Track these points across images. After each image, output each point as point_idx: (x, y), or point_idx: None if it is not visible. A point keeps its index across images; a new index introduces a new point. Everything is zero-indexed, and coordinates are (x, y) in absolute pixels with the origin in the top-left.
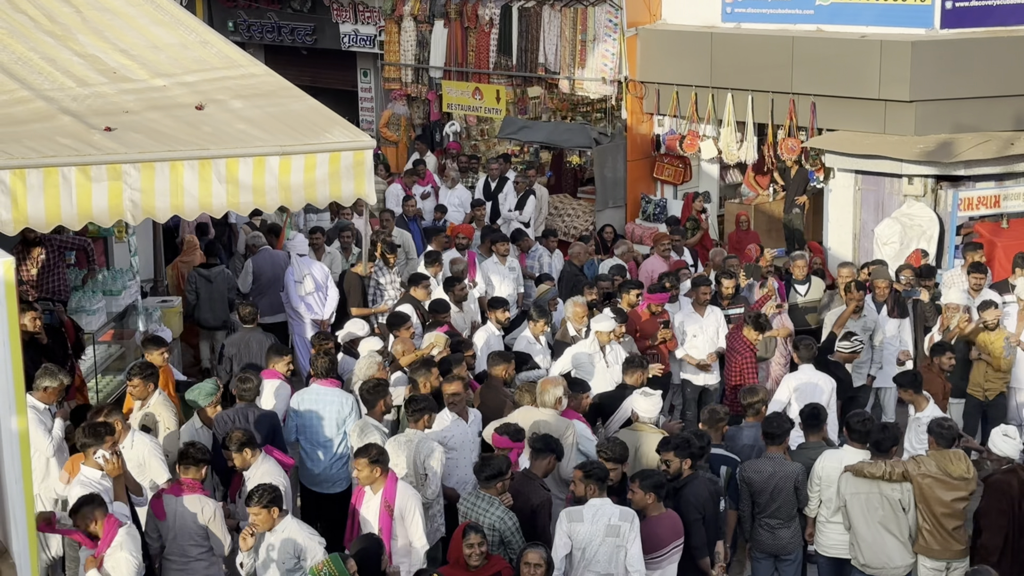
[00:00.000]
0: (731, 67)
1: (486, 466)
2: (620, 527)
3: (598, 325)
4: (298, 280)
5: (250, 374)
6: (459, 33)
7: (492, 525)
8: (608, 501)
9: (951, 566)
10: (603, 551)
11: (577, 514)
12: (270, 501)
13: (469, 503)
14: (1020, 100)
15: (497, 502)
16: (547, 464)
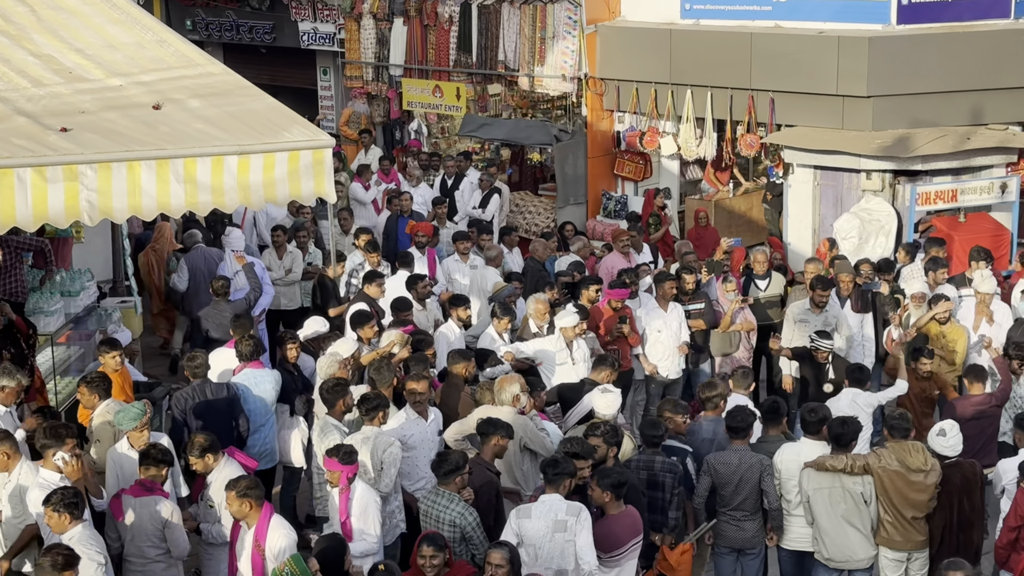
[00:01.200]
0: (690, 63)
1: (444, 461)
2: (567, 522)
3: (562, 321)
4: (229, 277)
5: (196, 352)
6: (419, 31)
7: (452, 521)
8: (558, 497)
9: (912, 556)
10: (553, 547)
11: (526, 511)
12: None
13: (429, 501)
14: (976, 95)
15: (457, 498)
16: (494, 446)
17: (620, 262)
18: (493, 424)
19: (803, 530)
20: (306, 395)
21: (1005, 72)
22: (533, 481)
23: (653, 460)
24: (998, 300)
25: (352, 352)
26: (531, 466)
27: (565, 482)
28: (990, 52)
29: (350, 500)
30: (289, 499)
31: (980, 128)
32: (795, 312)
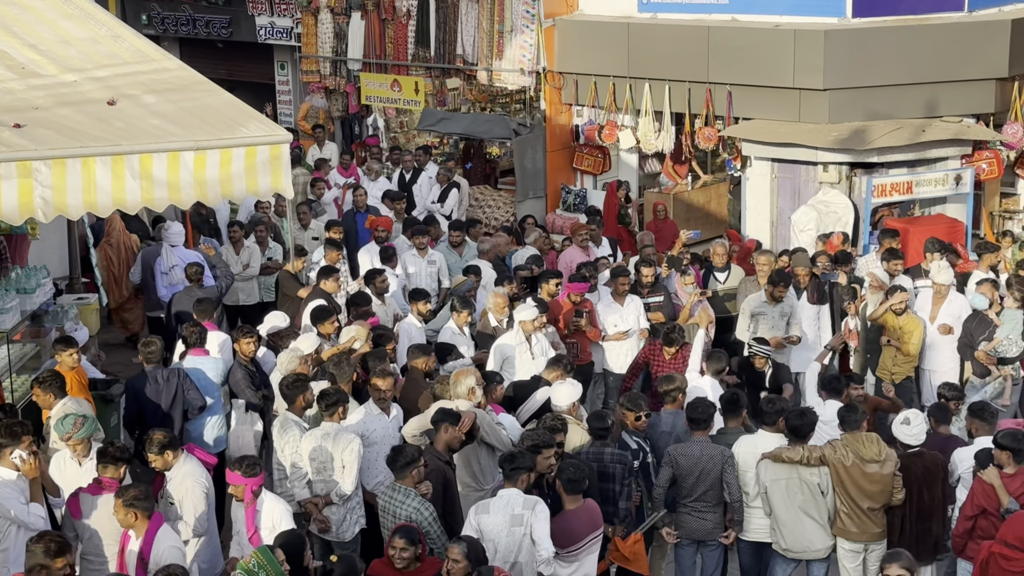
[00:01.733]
0: (648, 57)
1: (399, 455)
2: (523, 515)
3: (521, 315)
4: (164, 271)
5: (152, 338)
6: (376, 25)
7: (409, 516)
8: (515, 492)
9: (869, 548)
10: (511, 541)
11: (484, 507)
12: None
13: (387, 496)
14: (931, 87)
15: (413, 493)
16: (446, 434)
17: (579, 256)
18: (443, 413)
19: (761, 521)
20: (265, 391)
21: (959, 65)
22: (491, 475)
23: (603, 452)
24: (955, 291)
25: (314, 348)
26: (488, 460)
27: (523, 476)
28: (944, 45)
29: (258, 513)
30: None
31: (935, 120)
32: (752, 305)
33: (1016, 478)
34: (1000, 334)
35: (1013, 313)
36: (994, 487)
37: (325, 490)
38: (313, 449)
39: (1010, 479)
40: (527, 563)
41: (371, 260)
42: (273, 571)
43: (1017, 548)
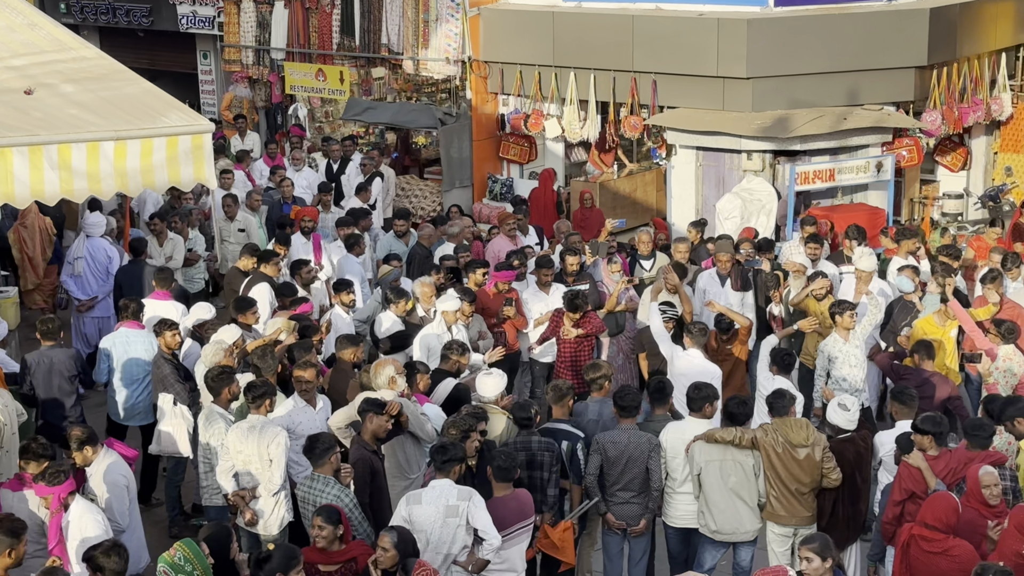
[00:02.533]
0: (573, 46)
1: (315, 444)
2: (459, 507)
3: (443, 305)
4: (70, 260)
5: (50, 315)
6: (300, 14)
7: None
8: (448, 482)
9: (798, 532)
10: (445, 532)
11: (416, 497)
12: None
13: (306, 486)
14: (852, 76)
15: (332, 482)
16: (372, 424)
17: (507, 245)
18: (369, 403)
19: (688, 507)
20: (190, 383)
21: (880, 53)
22: (417, 465)
23: (530, 440)
24: (877, 278)
25: (236, 338)
26: (414, 450)
27: (455, 468)
28: (865, 34)
29: (67, 523)
30: (175, 488)
31: (856, 108)
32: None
33: (940, 460)
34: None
35: (933, 298)
36: (921, 470)
37: (252, 483)
38: (239, 442)
39: (934, 461)
40: (460, 555)
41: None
42: (199, 565)
43: (937, 529)
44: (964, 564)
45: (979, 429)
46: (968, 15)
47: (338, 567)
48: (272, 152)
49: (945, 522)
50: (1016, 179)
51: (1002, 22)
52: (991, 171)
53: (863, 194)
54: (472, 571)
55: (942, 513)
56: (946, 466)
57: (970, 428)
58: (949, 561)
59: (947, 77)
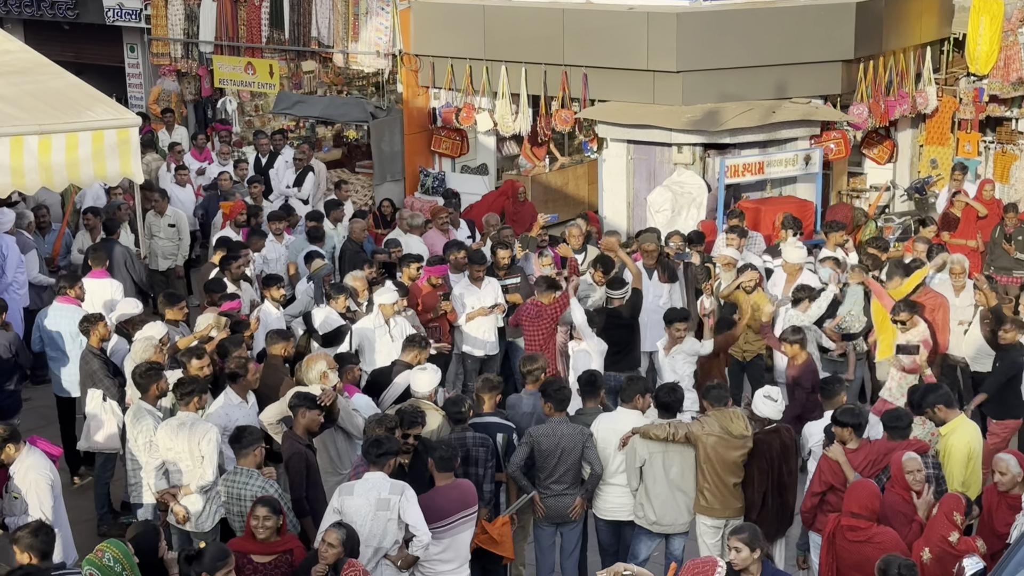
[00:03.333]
0: (504, 39)
1: (240, 437)
2: (390, 500)
3: (381, 298)
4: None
5: None
6: (229, 7)
7: (254, 496)
8: (382, 476)
9: (729, 523)
10: (375, 525)
11: (348, 488)
12: None
13: (230, 480)
14: (780, 69)
15: (256, 474)
16: (304, 418)
17: (439, 239)
18: (300, 397)
19: (619, 500)
20: (119, 379)
21: (807, 47)
22: (348, 459)
23: (464, 436)
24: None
25: (163, 334)
26: (345, 444)
27: (390, 461)
28: (793, 27)
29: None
30: (104, 486)
31: (785, 102)
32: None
33: (859, 452)
34: (843, 310)
35: (855, 289)
36: (839, 464)
37: (182, 480)
38: (169, 439)
39: (853, 454)
40: (391, 549)
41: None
42: (127, 564)
43: (862, 516)
44: (889, 550)
45: (897, 420)
46: (893, 9)
47: (273, 558)
48: (200, 145)
49: (869, 508)
50: (941, 171)
51: (927, 16)
52: (917, 163)
53: (792, 187)
54: (400, 567)
55: (866, 500)
56: (865, 458)
57: (888, 419)
58: (874, 548)
59: (873, 71)
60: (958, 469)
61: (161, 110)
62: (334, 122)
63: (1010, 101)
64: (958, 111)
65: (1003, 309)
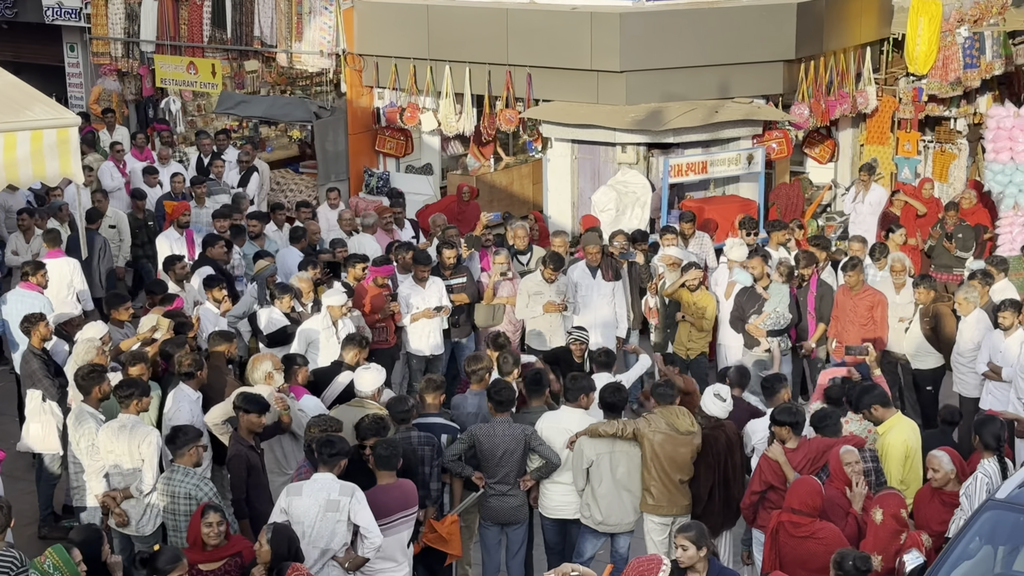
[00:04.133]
0: (448, 39)
1: (176, 436)
2: (340, 502)
3: (330, 300)
4: None
5: None
6: (170, 6)
7: (188, 494)
8: (331, 477)
9: (676, 521)
10: (323, 526)
11: (296, 489)
12: None
13: (164, 477)
14: (723, 69)
15: (192, 472)
16: (246, 421)
17: (383, 239)
18: (243, 399)
19: (564, 498)
20: (60, 379)
21: (749, 47)
22: (295, 460)
23: (409, 435)
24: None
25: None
26: (291, 445)
27: (340, 463)
28: (735, 28)
29: None
30: (49, 487)
31: (727, 101)
32: (529, 286)
33: (799, 451)
34: (768, 307)
35: (780, 287)
36: (779, 463)
37: (123, 484)
38: (110, 441)
39: (793, 452)
40: (339, 551)
41: (170, 246)
42: (68, 571)
43: (804, 513)
44: (831, 546)
45: (825, 419)
46: (834, 10)
47: (222, 563)
48: (140, 145)
49: (811, 505)
50: (882, 171)
51: (866, 17)
52: (858, 163)
53: (735, 186)
54: (348, 568)
55: (807, 497)
56: (804, 456)
57: (816, 420)
58: (816, 543)
59: (814, 71)
60: (896, 467)
61: (102, 110)
62: (277, 122)
63: (948, 101)
64: (898, 111)
65: (942, 307)
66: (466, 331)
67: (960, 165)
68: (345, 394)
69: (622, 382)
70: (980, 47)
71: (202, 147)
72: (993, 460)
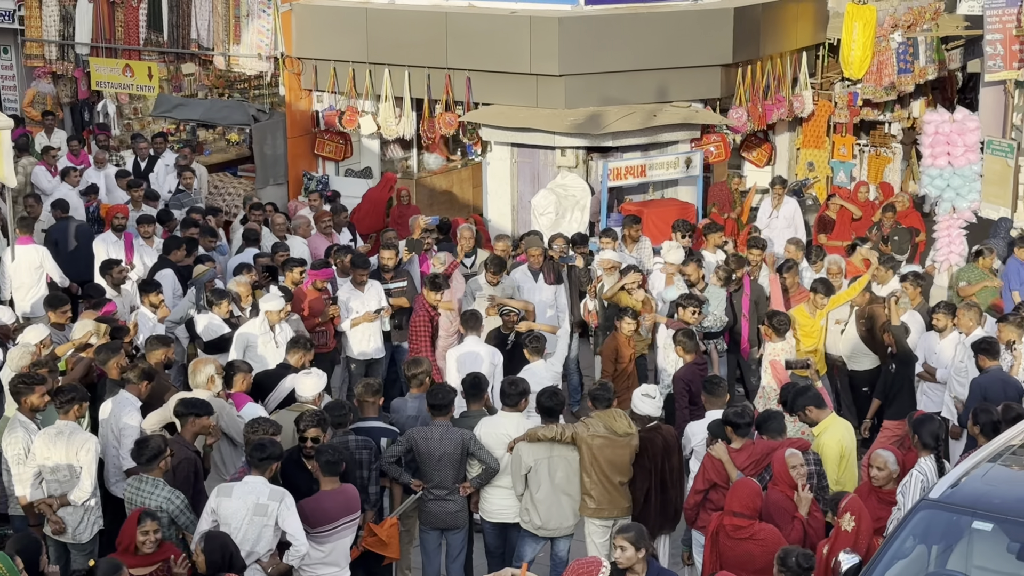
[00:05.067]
0: (387, 43)
1: (144, 448)
2: (268, 506)
3: (267, 304)
4: None
5: None
6: (105, 8)
7: (160, 507)
8: (262, 480)
9: (617, 523)
10: (250, 529)
11: (227, 490)
12: None
13: (133, 488)
14: (661, 73)
15: (162, 484)
16: (191, 425)
17: (323, 243)
18: (187, 404)
19: (504, 502)
20: None
21: (687, 51)
22: (233, 465)
23: (347, 440)
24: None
25: (42, 338)
26: (230, 450)
27: (272, 466)
28: (673, 32)
29: None
30: None
31: (666, 105)
32: (473, 288)
33: (743, 452)
34: (705, 310)
35: (717, 290)
36: (723, 462)
37: (60, 491)
38: (47, 448)
39: (737, 453)
40: (263, 555)
41: (107, 250)
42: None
43: (744, 516)
44: (770, 547)
45: (770, 420)
46: (770, 15)
47: (153, 568)
48: (75, 149)
49: (751, 507)
50: (818, 174)
51: (802, 22)
52: (795, 166)
53: (673, 189)
54: (271, 574)
55: (747, 499)
56: (748, 457)
57: (761, 420)
58: (756, 545)
59: (751, 75)
60: (832, 467)
61: (42, 113)
62: (215, 125)
63: (883, 105)
64: (833, 115)
65: (878, 309)
66: (406, 334)
67: (895, 169)
68: (291, 398)
69: (557, 370)
70: (914, 52)
71: (139, 151)
72: (930, 459)
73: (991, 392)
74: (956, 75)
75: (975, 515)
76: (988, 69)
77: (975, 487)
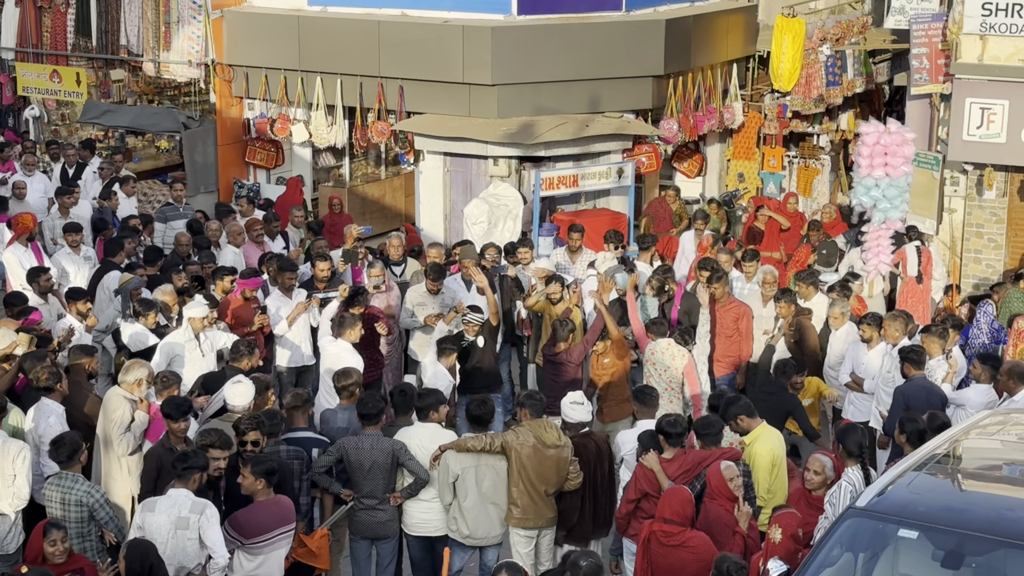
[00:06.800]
0: (319, 51)
1: (61, 446)
2: (190, 519)
3: (191, 312)
4: None
5: None
6: (32, 13)
7: (80, 501)
8: (185, 492)
9: (542, 532)
10: (176, 544)
11: (151, 504)
12: None
13: (53, 485)
14: (593, 84)
15: (81, 479)
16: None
17: (254, 251)
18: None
19: (426, 515)
20: None
21: (619, 62)
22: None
23: (278, 449)
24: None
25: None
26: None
27: (195, 476)
28: (605, 43)
29: None
30: None
31: (598, 116)
32: (414, 297)
33: (674, 462)
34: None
35: (650, 300)
36: (654, 472)
37: None
38: None
39: (668, 463)
40: (192, 568)
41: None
42: None
43: (675, 523)
44: (701, 554)
45: (708, 427)
46: (701, 27)
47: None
48: (3, 158)
49: (682, 514)
50: (748, 185)
51: (733, 34)
52: (725, 177)
53: (605, 199)
54: None
55: (678, 506)
56: (680, 466)
57: (700, 427)
58: (687, 552)
59: (683, 86)
60: (763, 476)
61: None
62: (145, 132)
63: (812, 117)
64: (763, 126)
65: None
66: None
67: (823, 180)
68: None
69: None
70: (842, 65)
71: (67, 158)
72: (857, 468)
73: (914, 400)
74: (883, 88)
75: (901, 523)
76: (914, 83)
77: (901, 495)
